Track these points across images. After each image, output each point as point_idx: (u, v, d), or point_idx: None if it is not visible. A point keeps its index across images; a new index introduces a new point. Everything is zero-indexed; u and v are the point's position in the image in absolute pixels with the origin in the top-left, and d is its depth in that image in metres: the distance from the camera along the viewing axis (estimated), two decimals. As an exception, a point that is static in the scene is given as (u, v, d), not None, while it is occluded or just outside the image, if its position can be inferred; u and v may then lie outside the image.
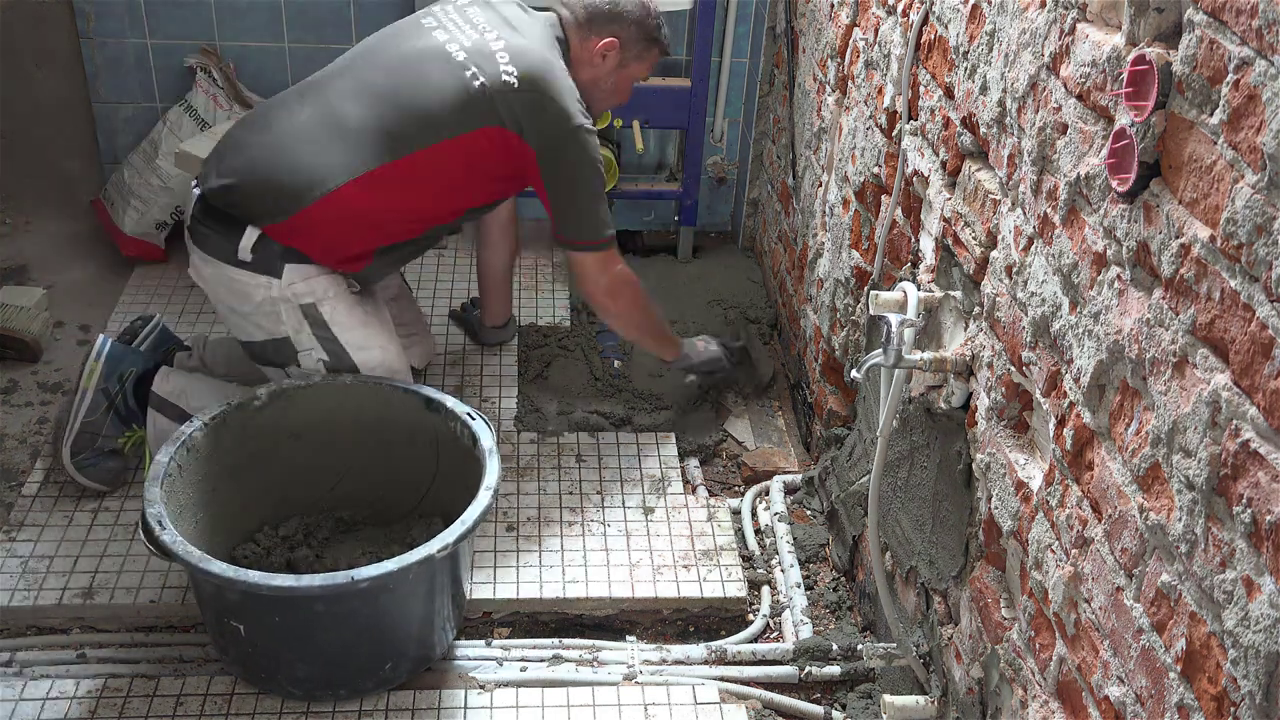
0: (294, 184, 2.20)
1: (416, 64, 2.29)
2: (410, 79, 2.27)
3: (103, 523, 2.37)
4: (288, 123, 2.27)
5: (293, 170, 2.21)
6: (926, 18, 1.93)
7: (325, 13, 3.24)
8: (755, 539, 2.51)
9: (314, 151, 2.22)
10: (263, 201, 2.21)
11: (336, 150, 2.22)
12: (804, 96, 2.89)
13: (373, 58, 2.35)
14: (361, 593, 1.89)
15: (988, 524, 1.67)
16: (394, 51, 2.34)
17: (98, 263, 3.28)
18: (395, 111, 2.25)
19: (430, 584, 2.02)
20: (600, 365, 2.94)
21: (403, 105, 2.25)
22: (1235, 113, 1.06)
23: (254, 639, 1.97)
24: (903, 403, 1.96)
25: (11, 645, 2.13)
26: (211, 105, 3.17)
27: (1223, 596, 1.09)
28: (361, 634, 1.97)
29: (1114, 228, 1.29)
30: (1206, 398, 1.11)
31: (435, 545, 1.91)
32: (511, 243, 2.88)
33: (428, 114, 2.24)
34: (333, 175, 2.21)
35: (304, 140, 2.24)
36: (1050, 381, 1.47)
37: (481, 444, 2.13)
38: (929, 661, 1.91)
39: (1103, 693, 1.33)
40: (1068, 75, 1.40)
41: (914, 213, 2.02)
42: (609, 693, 2.08)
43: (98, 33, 3.23)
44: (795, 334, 2.95)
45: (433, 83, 2.26)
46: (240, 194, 2.22)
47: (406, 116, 2.25)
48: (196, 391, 2.41)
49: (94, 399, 2.40)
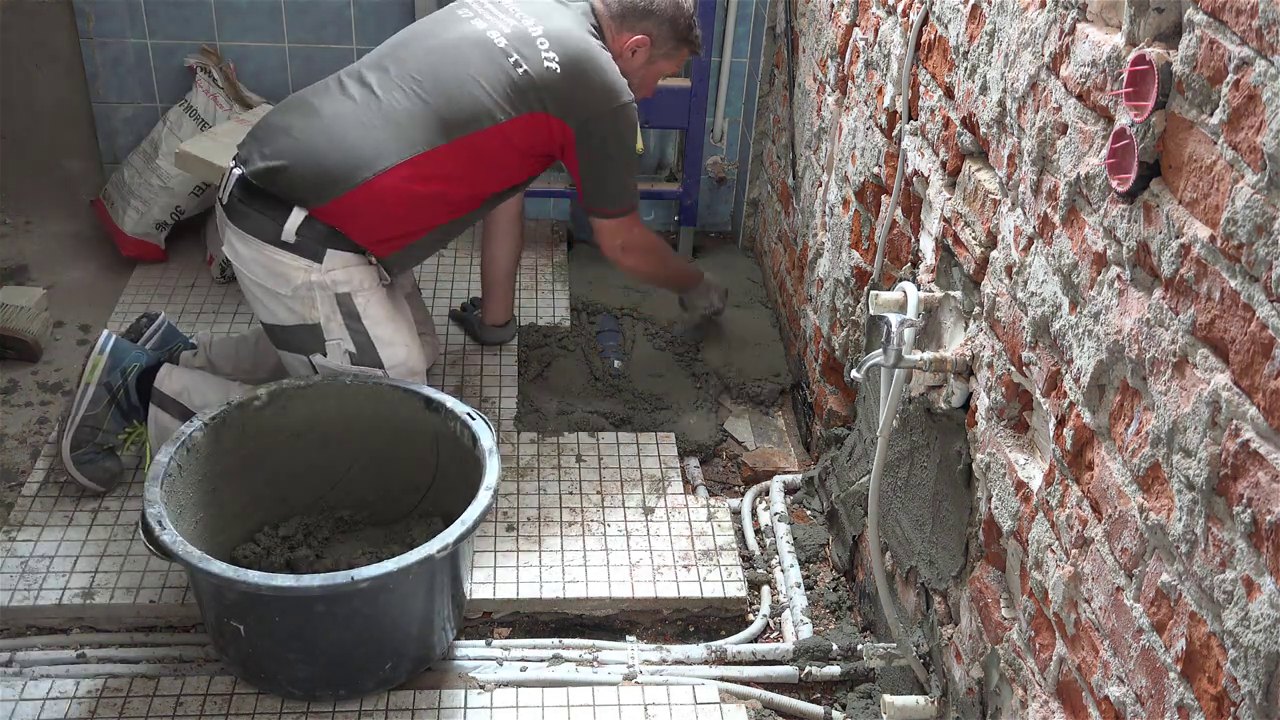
0: (344, 166, 2.24)
1: (459, 52, 2.35)
2: (454, 67, 2.33)
3: (103, 523, 2.37)
4: (335, 108, 2.32)
5: (343, 153, 2.25)
6: (926, 18, 1.93)
7: (325, 13, 3.25)
8: (755, 539, 2.51)
9: (363, 136, 2.27)
10: (312, 183, 2.24)
11: (385, 135, 2.27)
12: (804, 96, 2.89)
13: (415, 46, 2.40)
14: (362, 592, 1.89)
15: (988, 524, 1.67)
16: (436, 40, 2.40)
17: (98, 263, 3.28)
18: (442, 99, 2.30)
19: (430, 584, 2.02)
20: (600, 365, 2.94)
21: (449, 93, 2.31)
22: (1235, 113, 1.06)
23: (254, 639, 1.97)
24: (903, 403, 1.96)
25: (11, 645, 2.13)
26: (211, 105, 3.17)
27: (1223, 596, 1.09)
28: (362, 634, 1.97)
29: (1114, 228, 1.29)
30: (1206, 398, 1.11)
31: (435, 545, 1.91)
32: (518, 238, 2.91)
33: (474, 101, 2.31)
34: (381, 159, 2.26)
35: (353, 125, 2.28)
36: (1050, 381, 1.47)
37: (481, 444, 2.13)
38: (929, 661, 1.91)
39: (1103, 693, 1.33)
40: (1068, 75, 1.40)
41: (914, 213, 2.02)
42: (609, 693, 2.08)
43: (98, 33, 3.23)
44: (795, 334, 2.95)
45: (476, 70, 2.32)
46: (290, 175, 2.25)
47: (453, 104, 2.30)
48: (200, 389, 2.42)
49: (96, 393, 2.40)
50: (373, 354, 2.34)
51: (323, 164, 2.25)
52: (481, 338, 3.02)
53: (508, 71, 2.32)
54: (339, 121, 2.29)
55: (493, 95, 2.31)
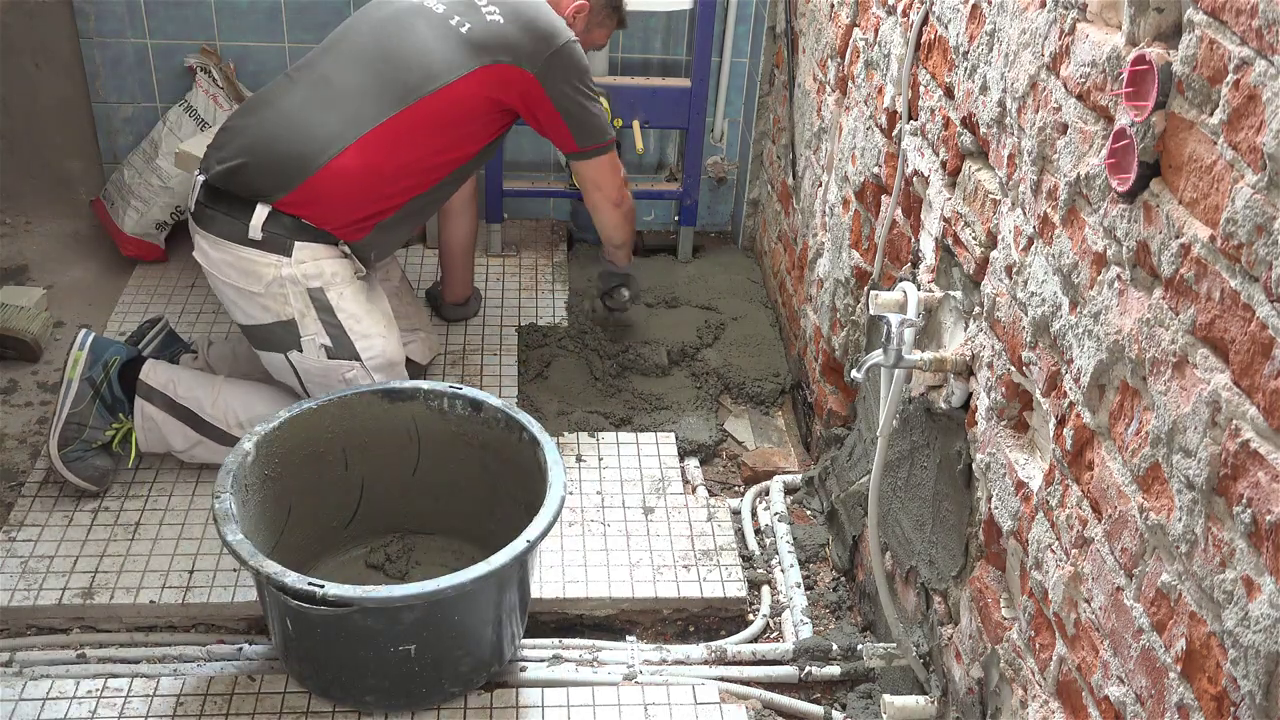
0: (301, 152, 2.26)
1: (400, 24, 2.39)
2: (398, 38, 2.37)
3: (103, 523, 2.37)
4: (284, 100, 2.34)
5: (298, 139, 2.27)
6: (926, 18, 1.93)
7: (325, 13, 3.24)
8: (755, 539, 2.51)
9: (316, 119, 2.29)
10: (272, 175, 2.26)
11: (338, 114, 2.30)
12: (804, 96, 2.89)
13: (356, 30, 2.44)
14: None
15: (988, 524, 1.67)
16: (376, 18, 2.44)
17: (98, 263, 3.28)
18: (389, 68, 2.33)
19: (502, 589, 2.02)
20: (600, 365, 2.94)
21: (395, 62, 2.34)
22: (1235, 113, 1.06)
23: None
24: (903, 403, 1.96)
25: (11, 645, 2.13)
26: (211, 105, 3.17)
27: (1223, 596, 1.09)
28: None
29: (1114, 228, 1.30)
30: (1206, 398, 1.11)
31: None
32: (472, 219, 2.97)
33: (421, 65, 2.33)
34: (338, 137, 2.28)
35: (306, 112, 2.30)
36: (1050, 381, 1.47)
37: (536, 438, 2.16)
38: (929, 661, 1.91)
39: (1103, 693, 1.33)
40: (1068, 75, 1.40)
41: (914, 213, 2.02)
42: (609, 693, 2.08)
43: (98, 33, 3.23)
44: (795, 334, 2.95)
45: (420, 36, 2.36)
46: (249, 172, 2.26)
47: (401, 71, 2.33)
48: (186, 381, 2.42)
49: (79, 389, 2.39)
50: (349, 347, 2.36)
51: (279, 155, 2.27)
52: (444, 314, 3.08)
53: (451, 31, 2.36)
54: (291, 112, 2.31)
55: (441, 57, 2.34)
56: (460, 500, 2.31)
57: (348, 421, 2.23)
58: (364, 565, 2.31)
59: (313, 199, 2.27)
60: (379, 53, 2.35)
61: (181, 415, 2.41)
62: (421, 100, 2.32)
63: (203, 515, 2.40)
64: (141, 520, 2.38)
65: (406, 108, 2.31)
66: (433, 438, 2.28)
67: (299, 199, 2.26)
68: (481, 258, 3.37)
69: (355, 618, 1.86)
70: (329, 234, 2.31)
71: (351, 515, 2.31)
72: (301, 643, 1.97)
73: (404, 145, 2.32)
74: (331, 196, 2.28)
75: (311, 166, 2.25)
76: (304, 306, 2.31)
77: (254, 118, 2.34)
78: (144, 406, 2.40)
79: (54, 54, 3.28)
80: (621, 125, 3.19)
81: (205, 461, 2.46)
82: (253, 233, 2.25)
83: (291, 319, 2.32)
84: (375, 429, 2.25)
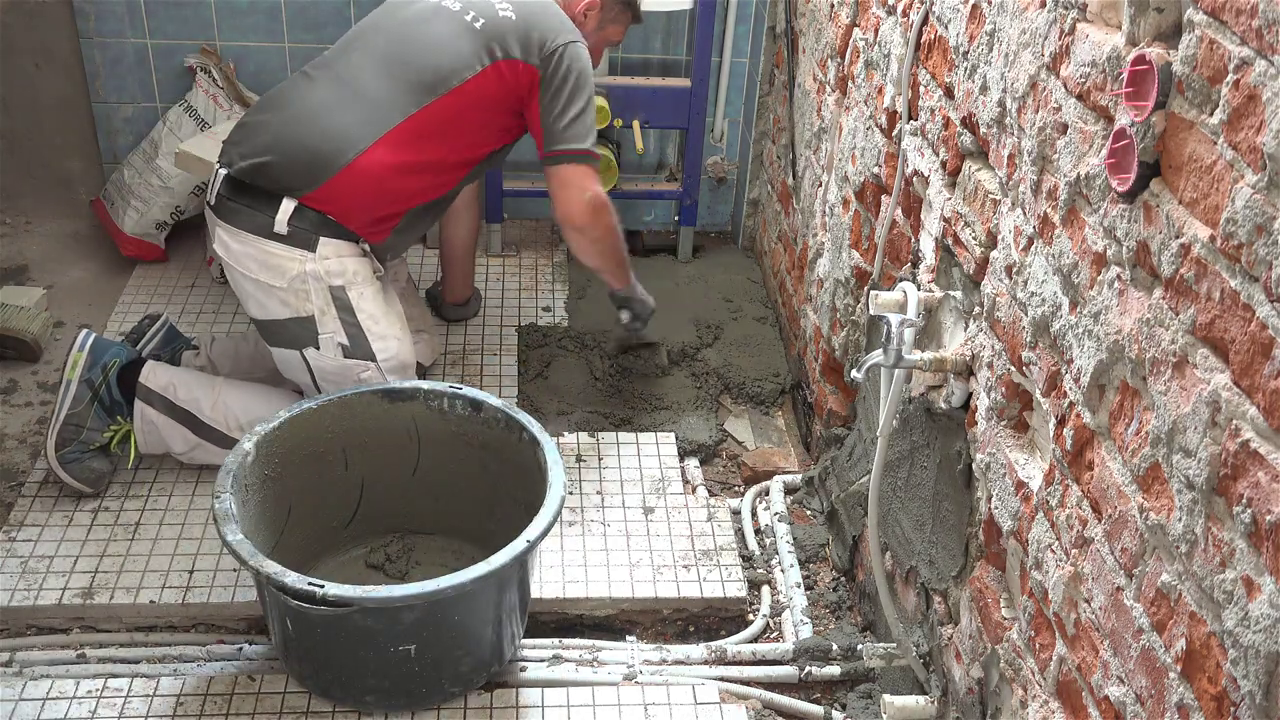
0: (328, 150, 2.28)
1: (419, 24, 2.41)
2: (416, 37, 2.38)
3: (103, 523, 2.37)
4: (306, 98, 2.36)
5: (325, 137, 2.29)
6: (926, 18, 1.93)
7: (325, 13, 3.25)
8: (755, 539, 2.51)
9: (341, 119, 2.31)
10: (298, 171, 2.27)
11: (361, 113, 2.31)
12: (804, 96, 2.89)
13: (374, 30, 2.45)
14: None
15: (988, 524, 1.67)
16: (394, 19, 2.45)
17: (98, 263, 3.28)
18: (409, 69, 2.35)
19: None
20: (600, 365, 2.94)
21: (414, 62, 2.35)
22: (1235, 113, 1.06)
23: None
24: (903, 403, 1.96)
25: (11, 645, 2.13)
26: (211, 105, 3.17)
27: (1223, 596, 1.09)
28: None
29: (1114, 228, 1.29)
30: (1206, 398, 1.11)
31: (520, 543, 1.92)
32: (473, 219, 2.98)
33: (439, 64, 2.35)
34: (363, 136, 2.29)
35: (330, 110, 2.32)
36: (1050, 381, 1.47)
37: (536, 438, 2.15)
38: (929, 661, 1.91)
39: (1103, 693, 1.33)
40: (1068, 75, 1.40)
41: (914, 213, 2.02)
42: (609, 693, 2.08)
43: (98, 33, 3.23)
44: (795, 334, 2.95)
45: (437, 34, 2.38)
46: (276, 167, 2.28)
47: (420, 71, 2.34)
48: (186, 383, 2.42)
49: (78, 390, 2.39)
50: (365, 346, 2.36)
51: (307, 151, 2.28)
52: (444, 314, 3.08)
53: (467, 27, 2.37)
54: (315, 110, 2.32)
55: (457, 54, 2.35)
56: (460, 500, 2.31)
57: (348, 421, 2.23)
58: (364, 565, 2.31)
59: (338, 195, 2.28)
60: (398, 55, 2.36)
61: (181, 418, 2.41)
62: (439, 100, 2.34)
63: (203, 515, 2.40)
64: (141, 520, 2.38)
65: (424, 107, 2.33)
66: (433, 438, 2.28)
67: (325, 195, 2.28)
68: (482, 258, 3.37)
69: (355, 618, 1.86)
70: (352, 232, 2.33)
71: (351, 515, 2.31)
72: (301, 643, 1.97)
73: (426, 143, 2.34)
74: (357, 193, 2.30)
75: (338, 163, 2.27)
76: (324, 304, 2.32)
77: (276, 114, 2.35)
78: (144, 409, 2.40)
79: (54, 54, 3.28)
80: (622, 125, 3.19)
81: (205, 463, 2.46)
82: (278, 227, 2.27)
83: (310, 316, 2.32)
84: (375, 429, 2.26)
